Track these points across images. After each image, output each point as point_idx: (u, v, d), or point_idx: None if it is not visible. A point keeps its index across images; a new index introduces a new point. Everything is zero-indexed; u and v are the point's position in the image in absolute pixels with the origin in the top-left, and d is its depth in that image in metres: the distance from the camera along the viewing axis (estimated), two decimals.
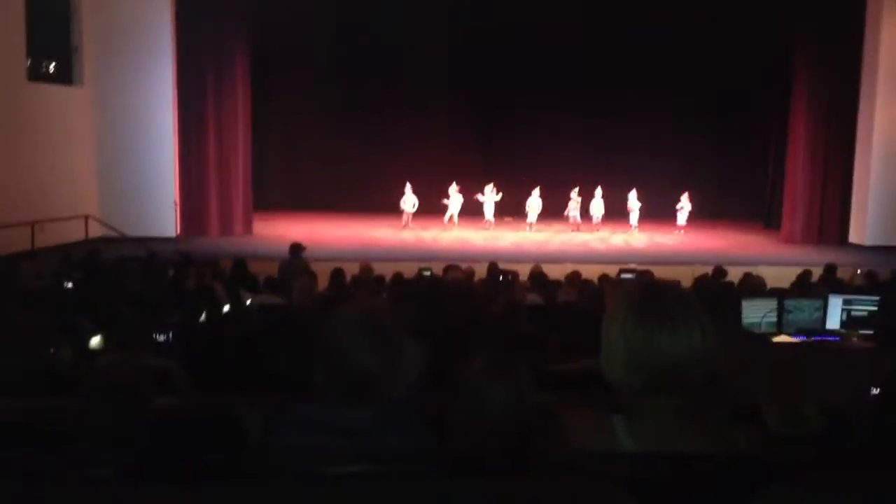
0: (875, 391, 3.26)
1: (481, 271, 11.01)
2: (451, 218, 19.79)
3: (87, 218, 16.13)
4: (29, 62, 15.68)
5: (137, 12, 16.81)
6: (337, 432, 1.84)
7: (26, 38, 15.30)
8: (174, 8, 17.11)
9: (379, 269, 11.39)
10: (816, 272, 11.26)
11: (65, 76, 16.91)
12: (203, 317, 7.39)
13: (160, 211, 16.95)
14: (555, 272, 11.60)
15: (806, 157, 19.09)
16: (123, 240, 15.62)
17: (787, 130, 19.86)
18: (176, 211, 16.95)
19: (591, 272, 11.35)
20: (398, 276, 10.36)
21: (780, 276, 11.76)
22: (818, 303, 6.16)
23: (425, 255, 14.77)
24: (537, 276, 10.55)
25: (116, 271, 9.65)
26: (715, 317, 1.63)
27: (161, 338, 5.66)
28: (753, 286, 9.32)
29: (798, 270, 11.17)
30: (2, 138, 14.48)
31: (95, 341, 6.08)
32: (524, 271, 11.16)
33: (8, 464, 1.98)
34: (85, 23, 16.87)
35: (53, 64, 16.89)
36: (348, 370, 1.88)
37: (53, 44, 16.73)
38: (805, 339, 5.88)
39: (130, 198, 16.97)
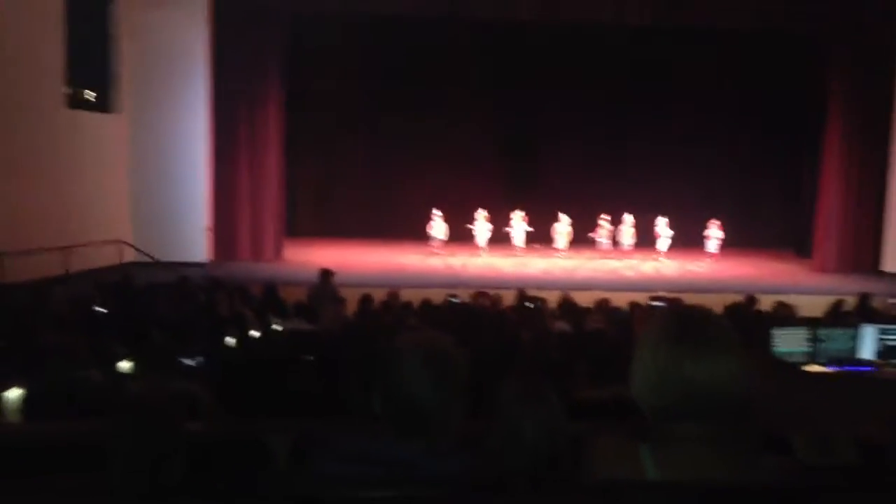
0: None
1: (509, 298, 10.99)
2: (479, 245, 19.75)
3: (120, 243, 16.36)
4: (70, 90, 16.02)
5: (174, 40, 17.14)
6: (382, 463, 1.83)
7: (66, 66, 15.64)
8: (211, 36, 17.42)
9: (407, 295, 11.41)
10: (849, 301, 11.11)
11: (103, 104, 17.25)
12: (233, 342, 7.45)
13: (192, 236, 17.15)
14: (584, 299, 11.53)
15: (839, 184, 18.88)
16: (155, 264, 15.81)
17: (820, 157, 19.66)
18: (208, 236, 17.13)
19: (620, 300, 11.28)
20: (426, 303, 10.37)
21: (812, 305, 11.60)
22: (851, 332, 6.06)
23: (453, 282, 14.77)
24: (566, 304, 10.51)
25: (147, 296, 9.76)
26: (746, 345, 1.62)
27: (190, 362, 5.72)
28: (785, 315, 9.21)
29: (831, 299, 11.02)
30: (39, 164, 14.77)
31: (125, 365, 6.15)
32: (553, 298, 11.11)
33: (38, 487, 2.01)
34: (124, 50, 17.23)
35: (91, 92, 17.24)
36: (406, 402, 1.87)
37: (92, 72, 17.09)
38: (838, 368, 5.78)
39: (163, 223, 17.20)
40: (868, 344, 6.00)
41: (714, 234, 19.64)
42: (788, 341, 5.88)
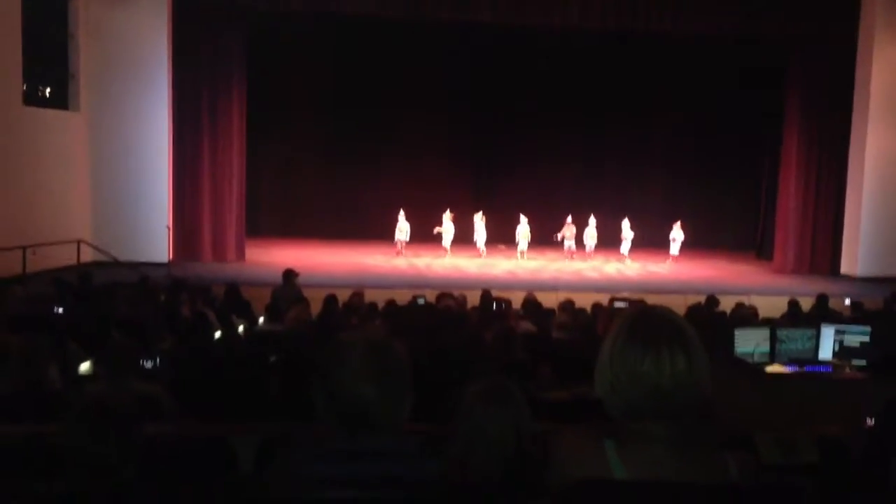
0: (870, 421, 3.26)
1: (474, 299, 11.00)
2: (444, 246, 19.76)
3: (79, 242, 16.09)
4: (25, 87, 15.73)
5: (135, 39, 16.91)
6: (359, 459, 1.81)
7: (23, 63, 15.35)
8: (171, 35, 17.23)
9: (372, 296, 11.38)
10: (808, 302, 11.30)
11: (61, 101, 16.96)
12: (195, 342, 7.35)
13: (153, 236, 16.90)
14: (548, 300, 11.60)
15: (798, 188, 19.21)
16: (116, 264, 15.57)
17: (779, 161, 19.99)
18: (169, 236, 16.92)
19: (584, 300, 11.35)
20: (391, 304, 10.35)
21: (772, 306, 11.77)
22: (810, 332, 6.17)
23: (419, 283, 14.76)
24: (530, 304, 10.54)
25: (107, 296, 9.61)
26: (707, 346, 1.63)
27: (150, 363, 5.64)
28: (746, 316, 9.33)
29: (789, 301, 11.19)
30: None
31: (85, 366, 6.04)
32: (518, 299, 11.15)
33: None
34: (82, 48, 16.96)
35: (49, 89, 16.94)
36: (348, 400, 1.83)
37: (50, 69, 16.81)
38: (798, 368, 5.87)
39: (123, 222, 16.95)
40: (827, 344, 6.11)
41: (677, 235, 19.86)
42: (749, 342, 5.96)
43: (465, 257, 19.52)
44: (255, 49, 18.39)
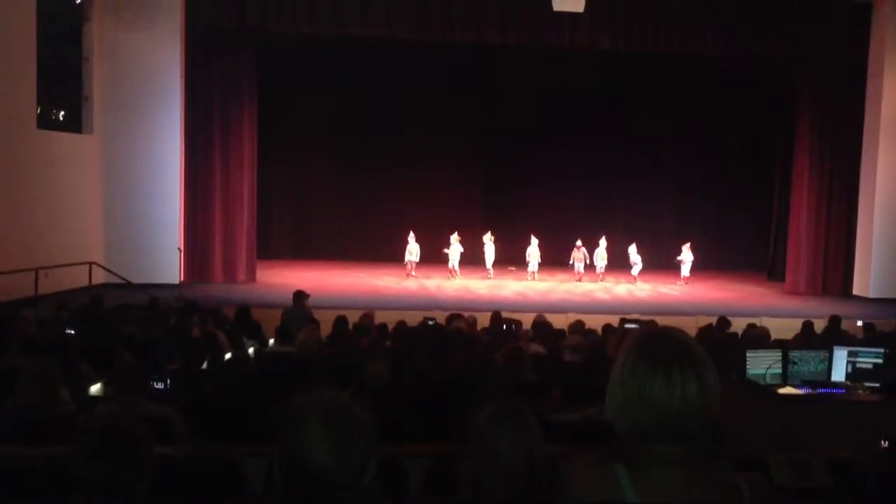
0: (885, 444, 3.23)
1: (485, 320, 10.98)
2: (452, 268, 19.77)
3: (91, 264, 16.17)
4: (39, 110, 15.89)
5: (148, 63, 17.07)
6: None
7: (37, 86, 15.51)
8: (184, 58, 17.39)
9: (382, 317, 11.38)
10: (820, 324, 11.24)
11: (74, 125, 17.11)
12: (205, 364, 7.36)
13: (164, 258, 16.97)
14: (558, 322, 11.55)
15: (809, 209, 19.15)
16: (127, 286, 15.63)
17: (790, 183, 19.96)
18: (180, 258, 16.99)
19: (594, 322, 11.31)
20: (401, 325, 10.34)
21: (784, 328, 11.72)
22: (823, 354, 6.12)
23: (429, 304, 14.74)
24: (540, 326, 10.50)
25: (118, 318, 9.64)
26: (719, 368, 1.62)
27: (160, 385, 5.64)
28: (758, 337, 9.28)
29: (802, 322, 11.14)
30: (10, 184, 14.60)
31: (95, 388, 6.05)
32: (527, 321, 11.11)
33: None
34: (96, 72, 17.12)
35: (63, 112, 17.10)
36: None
37: (64, 92, 16.97)
38: (810, 390, 5.83)
39: (135, 245, 17.02)
40: (840, 366, 6.06)
41: (686, 256, 19.81)
42: (761, 364, 5.92)
43: (475, 279, 19.51)
44: (267, 72, 18.54)
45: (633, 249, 20.07)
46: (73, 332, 8.57)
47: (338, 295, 15.76)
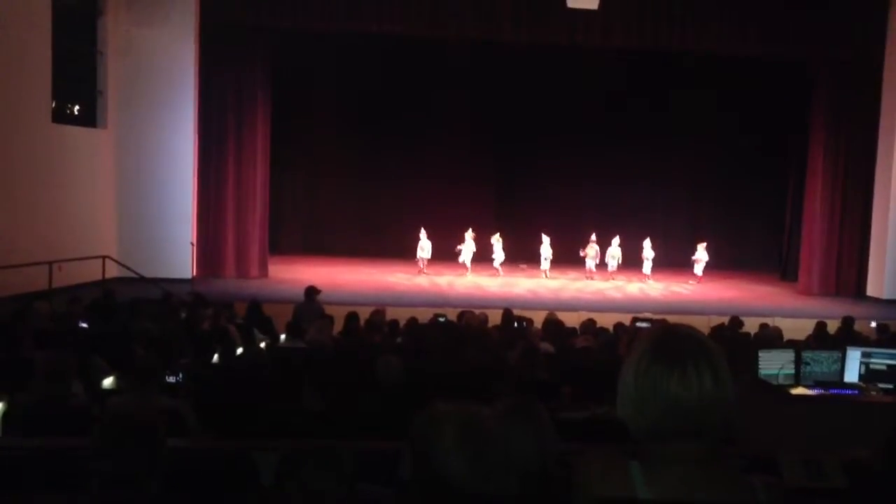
0: None
1: (496, 318, 10.97)
2: (463, 263, 19.76)
3: (104, 258, 16.25)
4: (54, 104, 15.97)
5: (162, 57, 17.13)
6: None
7: (52, 81, 15.59)
8: (198, 53, 17.44)
9: (393, 313, 11.39)
10: (833, 325, 11.18)
11: (89, 119, 17.19)
12: (216, 358, 7.39)
13: (177, 252, 17.04)
14: (570, 320, 11.54)
15: (823, 209, 19.04)
16: (140, 280, 15.70)
17: (804, 182, 19.84)
18: (193, 252, 17.05)
19: (606, 320, 11.30)
20: (413, 321, 10.35)
21: (797, 328, 11.68)
22: (836, 355, 6.09)
23: (440, 301, 14.76)
24: (551, 324, 10.49)
25: (131, 312, 9.69)
26: (731, 367, 1.61)
27: (172, 379, 5.67)
28: (770, 337, 9.24)
29: (815, 322, 11.08)
30: (24, 178, 14.68)
31: (108, 381, 6.09)
32: (539, 318, 11.11)
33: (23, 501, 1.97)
34: (110, 66, 17.20)
35: (77, 106, 17.19)
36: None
37: (79, 86, 17.05)
38: (823, 391, 5.80)
39: (148, 239, 17.09)
40: (852, 367, 6.03)
41: (701, 255, 19.75)
42: (774, 364, 5.90)
43: (486, 276, 19.50)
44: (280, 68, 18.57)
45: (647, 244, 20.00)
46: (86, 325, 8.63)
47: (349, 291, 15.79)
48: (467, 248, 19.69)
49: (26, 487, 2.30)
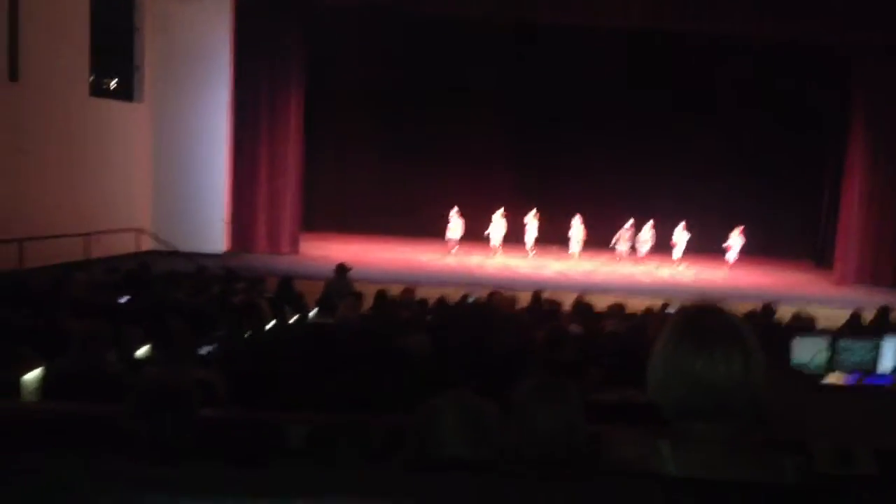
0: None
1: (525, 299, 10.95)
2: (493, 245, 19.75)
3: (138, 231, 16.47)
4: (92, 78, 16.15)
5: (199, 33, 17.25)
6: None
7: (90, 55, 15.77)
8: (234, 30, 17.52)
9: (423, 292, 11.40)
10: (869, 314, 11.00)
11: (126, 93, 17.38)
12: (248, 333, 7.46)
13: (210, 226, 17.24)
14: (599, 303, 11.48)
15: (861, 197, 18.72)
16: (173, 254, 15.90)
17: (842, 169, 19.52)
18: (225, 228, 17.21)
19: (635, 305, 11.23)
20: (441, 301, 10.36)
21: (831, 317, 11.51)
22: (872, 344, 5.99)
23: (470, 281, 14.76)
24: (580, 307, 10.45)
25: (166, 284, 9.81)
26: (763, 354, 1.59)
27: (205, 351, 5.74)
28: (803, 326, 9.13)
29: (850, 311, 10.92)
30: (62, 151, 14.90)
31: (142, 351, 6.18)
32: (568, 300, 11.06)
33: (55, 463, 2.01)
34: (147, 42, 17.35)
35: (115, 81, 17.37)
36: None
37: (116, 61, 17.23)
38: (857, 380, 5.72)
39: (182, 213, 17.30)
40: (888, 356, 5.94)
41: (735, 241, 19.51)
42: (807, 351, 5.83)
43: (516, 257, 19.47)
44: (315, 45, 18.60)
45: (679, 228, 19.83)
46: (122, 296, 8.75)
47: (379, 269, 15.85)
48: (496, 228, 19.66)
49: (60, 449, 2.35)
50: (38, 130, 14.20)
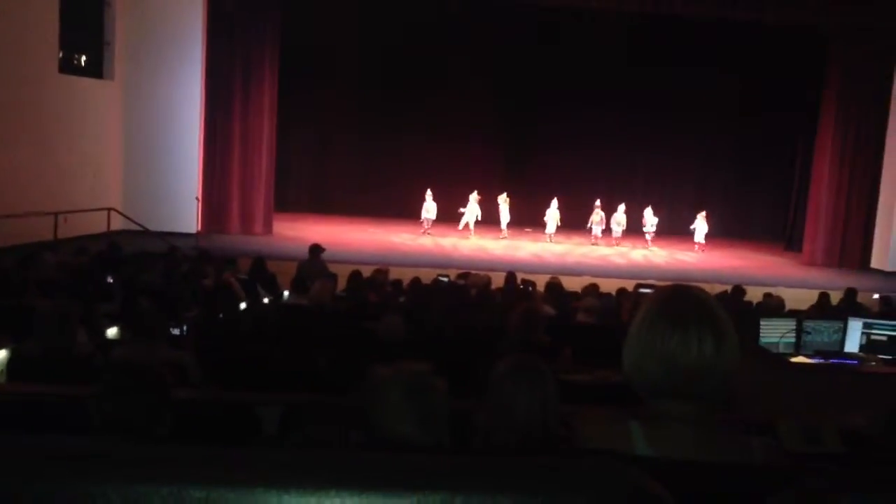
0: None
1: (499, 280, 11.00)
2: (466, 226, 19.79)
3: (109, 210, 16.27)
4: (61, 55, 15.86)
5: (170, 9, 16.99)
6: None
7: (59, 31, 15.48)
8: (207, 5, 17.27)
9: (397, 273, 11.41)
10: (836, 296, 11.19)
11: (95, 70, 17.10)
12: (220, 314, 7.42)
13: (182, 206, 17.06)
14: (573, 285, 11.55)
15: (831, 180, 18.93)
16: (144, 233, 15.74)
17: (812, 152, 19.71)
18: (198, 207, 17.05)
19: (609, 286, 11.31)
20: (416, 282, 10.38)
21: (799, 299, 11.69)
22: (837, 325, 6.10)
23: (444, 262, 14.78)
24: (553, 288, 10.51)
25: (136, 264, 9.72)
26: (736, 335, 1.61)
27: (177, 331, 5.71)
28: (772, 306, 9.26)
29: (818, 293, 11.09)
30: (31, 128, 14.65)
31: (113, 332, 6.13)
32: (542, 282, 11.13)
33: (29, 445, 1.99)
34: (118, 17, 17.06)
35: (85, 57, 17.08)
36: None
37: (86, 37, 16.93)
38: (823, 360, 5.82)
39: (154, 192, 17.11)
40: (854, 338, 6.04)
41: (700, 225, 19.62)
42: (775, 333, 5.92)
43: (490, 239, 19.51)
44: (289, 23, 18.39)
45: (648, 212, 19.97)
46: (91, 276, 8.66)
47: (353, 250, 15.81)
48: (471, 210, 19.69)
49: (31, 432, 2.32)
50: (6, 107, 13.94)
